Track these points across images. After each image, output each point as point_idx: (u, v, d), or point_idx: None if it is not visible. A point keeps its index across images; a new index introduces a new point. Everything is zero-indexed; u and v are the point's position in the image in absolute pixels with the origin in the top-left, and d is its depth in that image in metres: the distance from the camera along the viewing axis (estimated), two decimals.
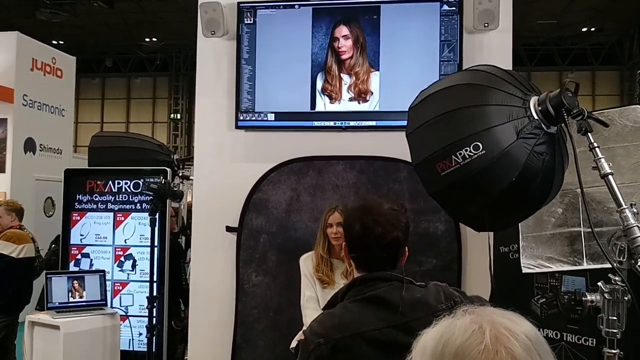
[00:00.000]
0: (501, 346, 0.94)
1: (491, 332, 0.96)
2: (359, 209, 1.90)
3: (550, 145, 2.10)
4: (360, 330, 1.68)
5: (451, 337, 0.99)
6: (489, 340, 0.95)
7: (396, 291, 1.77)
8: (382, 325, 1.69)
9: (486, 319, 0.99)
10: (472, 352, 0.95)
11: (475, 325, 0.98)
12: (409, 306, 1.73)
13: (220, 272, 4.32)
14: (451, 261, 4.09)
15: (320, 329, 1.73)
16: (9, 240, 5.15)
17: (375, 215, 1.83)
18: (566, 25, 17.53)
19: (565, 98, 2.03)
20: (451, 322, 1.02)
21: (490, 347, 0.94)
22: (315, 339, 1.70)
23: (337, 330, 1.69)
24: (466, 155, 2.05)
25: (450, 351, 0.97)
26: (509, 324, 0.98)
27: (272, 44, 4.32)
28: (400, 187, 4.17)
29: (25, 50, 8.62)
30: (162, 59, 22.98)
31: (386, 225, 1.82)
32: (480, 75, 2.26)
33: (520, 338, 0.96)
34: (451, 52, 4.05)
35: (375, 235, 1.82)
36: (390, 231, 1.83)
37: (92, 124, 22.88)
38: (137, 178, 5.18)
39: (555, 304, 2.37)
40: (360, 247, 1.86)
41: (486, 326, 0.98)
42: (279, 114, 4.32)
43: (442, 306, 1.77)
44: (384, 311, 1.72)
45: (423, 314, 1.71)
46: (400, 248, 1.89)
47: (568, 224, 2.85)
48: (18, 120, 8.37)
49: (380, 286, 1.79)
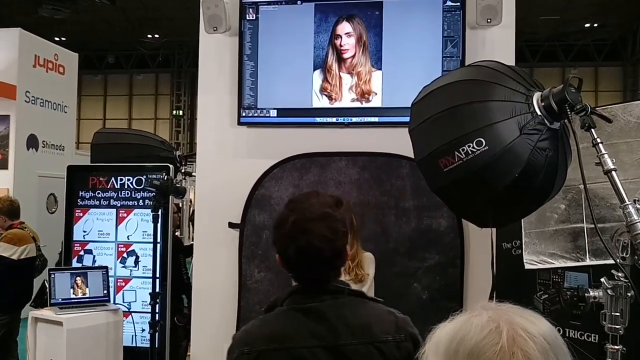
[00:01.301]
0: (517, 348, 0.93)
1: (508, 333, 0.95)
2: (290, 226, 1.67)
3: (553, 141, 2.10)
4: (288, 346, 1.60)
5: (467, 335, 0.97)
6: (505, 342, 0.94)
7: (339, 308, 1.64)
8: (313, 344, 1.59)
9: (504, 318, 0.97)
10: (488, 353, 0.93)
11: (493, 324, 0.97)
12: (347, 328, 1.61)
13: (223, 268, 4.32)
14: (454, 257, 4.09)
15: (247, 337, 1.66)
16: (10, 242, 5.11)
17: (309, 234, 1.63)
18: (569, 21, 17.50)
19: (568, 94, 2.03)
20: (468, 319, 1.00)
21: (507, 349, 0.93)
22: (239, 347, 1.63)
23: (264, 341, 1.62)
24: (469, 151, 2.05)
25: (465, 350, 0.96)
26: (527, 325, 0.97)
27: (275, 40, 4.31)
28: (403, 184, 4.16)
29: (28, 46, 8.62)
30: (164, 56, 23.01)
31: (323, 242, 1.64)
32: (483, 71, 2.26)
33: (537, 340, 0.95)
34: (454, 48, 4.04)
35: (314, 257, 1.65)
36: (329, 246, 1.65)
37: (94, 121, 22.92)
38: (140, 174, 5.18)
39: (558, 300, 2.36)
40: (297, 268, 1.73)
41: (503, 326, 0.96)
42: (281, 110, 4.31)
43: (388, 337, 1.64)
44: (321, 328, 1.61)
45: (361, 340, 1.60)
46: (342, 257, 1.72)
47: (571, 220, 2.85)
48: (21, 116, 8.38)
49: (325, 298, 1.66)
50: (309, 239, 1.63)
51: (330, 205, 1.72)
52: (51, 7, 14.83)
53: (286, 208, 1.74)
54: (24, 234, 5.30)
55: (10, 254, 5.05)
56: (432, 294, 4.07)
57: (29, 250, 5.21)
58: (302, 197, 1.79)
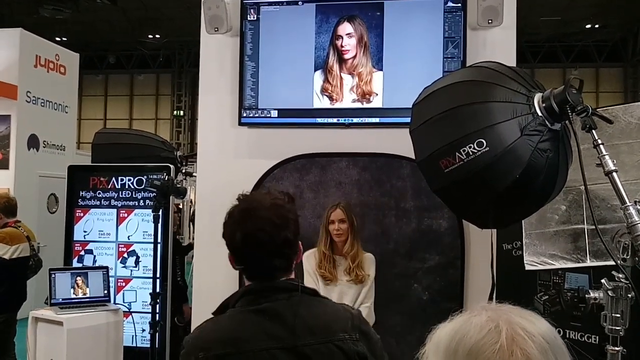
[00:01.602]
0: (517, 347, 0.93)
1: (507, 332, 0.95)
2: (238, 214, 1.68)
3: (554, 142, 2.10)
4: (246, 349, 1.55)
5: (466, 334, 0.97)
6: (505, 341, 0.94)
7: (295, 307, 1.60)
8: (271, 346, 1.55)
9: (503, 318, 0.97)
10: (487, 352, 0.93)
11: (492, 323, 0.97)
12: (306, 328, 1.58)
13: (224, 269, 4.29)
14: (454, 258, 4.09)
15: (201, 341, 1.60)
16: (2, 241, 5.04)
17: (257, 219, 1.62)
18: (570, 22, 17.50)
19: (569, 95, 2.03)
20: (467, 319, 1.00)
21: (506, 348, 0.93)
22: (194, 352, 1.57)
23: (221, 344, 1.57)
24: (470, 152, 2.05)
25: (465, 349, 0.96)
26: (526, 324, 0.97)
27: (276, 41, 4.31)
28: (404, 184, 4.17)
29: (29, 46, 8.62)
30: (165, 56, 23.00)
31: (271, 229, 1.61)
32: (484, 71, 2.26)
33: (536, 340, 0.95)
34: (455, 49, 4.04)
35: (261, 243, 1.61)
36: (277, 234, 1.61)
37: (95, 121, 22.92)
38: (141, 175, 5.19)
39: (558, 301, 2.37)
40: (246, 259, 1.67)
41: (503, 325, 0.96)
42: (282, 111, 4.31)
43: (345, 336, 1.60)
44: (278, 329, 1.57)
45: (320, 339, 1.58)
46: (293, 248, 1.67)
47: (571, 221, 2.85)
48: (21, 116, 8.38)
49: (279, 297, 1.62)
50: (255, 223, 1.61)
51: (281, 198, 1.70)
52: (52, 7, 14.83)
53: (236, 201, 1.73)
54: (16, 232, 5.21)
55: (2, 253, 5.00)
56: (433, 295, 4.07)
57: (21, 249, 5.14)
58: (254, 193, 1.80)
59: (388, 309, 3.98)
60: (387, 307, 3.97)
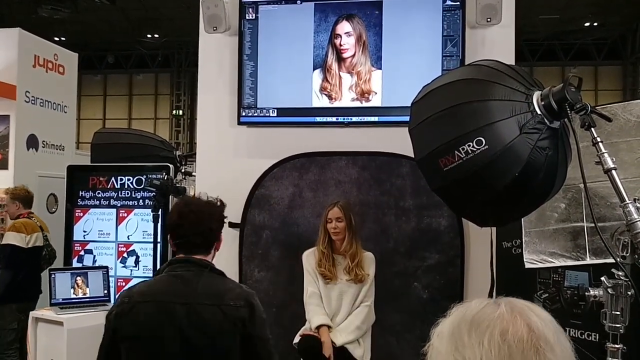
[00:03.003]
0: (517, 314, 0.96)
1: (506, 306, 0.98)
2: (180, 204, 2.29)
3: (553, 140, 2.10)
4: (157, 299, 2.10)
5: (467, 311, 1.00)
6: (504, 310, 0.97)
7: (201, 278, 2.14)
8: (175, 300, 2.08)
9: (502, 299, 1.01)
10: (487, 319, 0.96)
11: (491, 301, 1.01)
12: (204, 293, 2.10)
13: (223, 267, 4.26)
14: (454, 257, 4.09)
15: (130, 291, 2.18)
16: (18, 230, 5.18)
17: (192, 207, 2.22)
18: (569, 20, 17.49)
19: (568, 93, 2.03)
20: (466, 303, 1.03)
21: (506, 315, 0.96)
22: (122, 297, 2.16)
23: (142, 295, 2.13)
24: (469, 151, 2.05)
25: (466, 320, 0.98)
26: (525, 303, 1.00)
27: (274, 40, 4.31)
28: (403, 183, 4.17)
29: (27, 46, 8.59)
30: (164, 56, 22.98)
31: (201, 215, 2.19)
32: (483, 70, 2.26)
33: (536, 311, 0.98)
34: (454, 47, 4.04)
35: (190, 223, 2.18)
36: (202, 222, 2.19)
37: (94, 121, 22.89)
38: (140, 174, 5.18)
39: (558, 299, 2.36)
40: (177, 234, 2.20)
41: (501, 301, 1.00)
42: (281, 110, 4.31)
43: (231, 303, 2.09)
44: (184, 290, 2.10)
45: (212, 302, 2.08)
46: (213, 236, 2.24)
47: (571, 219, 2.85)
48: (20, 117, 8.34)
49: (192, 269, 2.16)
50: (189, 212, 2.20)
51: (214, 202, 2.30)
52: (51, 7, 14.80)
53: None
54: (30, 222, 5.36)
55: (20, 241, 5.11)
56: (432, 293, 4.08)
57: (35, 238, 5.27)
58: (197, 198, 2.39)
59: (388, 308, 3.98)
60: (387, 306, 3.97)
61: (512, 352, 0.92)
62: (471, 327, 0.96)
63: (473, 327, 0.96)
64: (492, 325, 0.95)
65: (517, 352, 0.92)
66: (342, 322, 3.60)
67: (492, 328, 0.94)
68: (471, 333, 0.96)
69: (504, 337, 0.93)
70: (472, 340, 0.95)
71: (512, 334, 0.93)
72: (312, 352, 3.48)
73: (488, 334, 0.94)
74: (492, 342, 0.93)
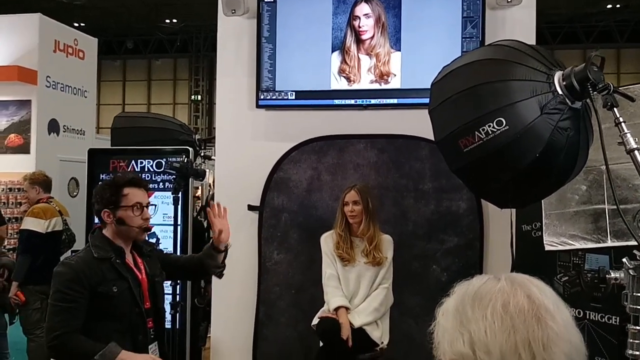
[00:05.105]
0: (517, 286, 1.00)
1: (507, 280, 1.02)
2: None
3: (574, 121, 2.07)
4: None
5: (469, 287, 1.05)
6: (505, 283, 1.01)
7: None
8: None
9: (503, 274, 1.06)
10: (489, 293, 1.00)
11: (492, 276, 1.06)
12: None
13: (243, 250, 4.35)
14: (473, 239, 4.08)
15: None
16: (37, 216, 5.27)
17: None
18: (591, 1, 17.18)
19: (590, 72, 2.00)
20: (468, 281, 1.08)
21: (506, 288, 1.00)
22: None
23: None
24: (489, 131, 2.04)
25: (469, 296, 1.03)
26: (525, 276, 1.05)
27: (293, 22, 4.29)
28: (422, 166, 4.15)
29: (48, 32, 8.66)
30: (182, 41, 23.04)
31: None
32: (503, 50, 2.23)
33: (535, 282, 1.02)
34: (474, 29, 4.00)
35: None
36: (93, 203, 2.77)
37: (113, 106, 23.05)
38: (160, 157, 5.21)
39: (578, 282, 2.35)
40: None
41: (502, 276, 1.04)
42: (300, 93, 4.31)
43: None
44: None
45: None
46: (99, 216, 2.75)
47: (592, 201, 2.82)
48: (42, 101, 8.45)
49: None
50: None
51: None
52: None
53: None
54: (49, 207, 5.44)
55: (39, 227, 5.19)
56: (451, 276, 4.07)
57: (55, 223, 5.36)
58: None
59: (407, 291, 3.99)
60: (406, 289, 3.98)
61: (515, 323, 0.96)
62: (474, 302, 1.01)
63: (476, 301, 1.01)
64: (494, 298, 0.99)
65: (520, 322, 0.96)
66: (360, 304, 3.63)
67: (494, 301, 0.99)
68: (474, 307, 1.00)
69: (505, 309, 0.97)
70: (475, 314, 0.99)
71: (513, 305, 0.97)
72: (330, 334, 3.51)
73: (490, 307, 0.98)
74: (495, 315, 0.97)
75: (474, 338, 0.97)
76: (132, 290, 2.64)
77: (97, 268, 2.58)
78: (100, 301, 2.56)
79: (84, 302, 2.53)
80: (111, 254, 2.65)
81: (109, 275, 2.60)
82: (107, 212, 2.68)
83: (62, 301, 2.52)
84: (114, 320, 2.61)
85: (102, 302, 2.56)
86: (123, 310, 2.62)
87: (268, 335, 4.27)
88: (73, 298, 2.51)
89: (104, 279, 2.58)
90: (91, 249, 2.65)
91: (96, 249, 2.64)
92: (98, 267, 2.59)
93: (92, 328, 2.54)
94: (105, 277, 2.59)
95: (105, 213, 2.69)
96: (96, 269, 2.58)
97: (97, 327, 2.56)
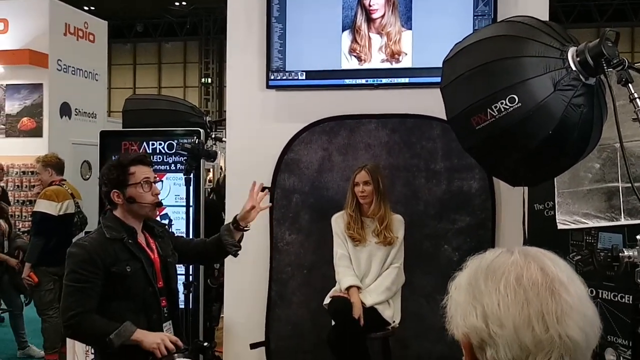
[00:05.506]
0: (531, 259, 1.00)
1: (520, 253, 1.02)
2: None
3: (588, 98, 2.06)
4: None
5: (482, 261, 1.05)
6: (518, 256, 1.01)
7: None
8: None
9: (516, 247, 1.05)
10: (502, 266, 1.00)
11: (505, 249, 1.05)
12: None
13: (255, 230, 4.34)
14: (485, 219, 4.07)
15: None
16: (49, 198, 5.31)
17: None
18: None
19: (604, 48, 1.98)
20: (481, 255, 1.08)
21: (520, 261, 1.00)
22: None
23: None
24: (502, 109, 2.02)
25: (482, 269, 1.02)
26: (539, 250, 1.04)
27: (303, 2, 4.26)
28: (434, 145, 4.13)
29: (58, 15, 8.68)
30: (192, 23, 22.99)
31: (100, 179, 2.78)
32: (516, 26, 2.21)
33: (548, 255, 1.01)
34: (485, 6, 3.95)
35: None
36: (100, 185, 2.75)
37: (124, 90, 23.09)
38: (171, 139, 5.22)
39: (591, 261, 2.35)
40: None
41: (515, 249, 1.03)
42: (310, 73, 4.28)
43: None
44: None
45: None
46: (108, 198, 2.72)
47: (606, 179, 2.81)
48: (53, 85, 8.49)
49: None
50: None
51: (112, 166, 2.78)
52: None
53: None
54: (61, 190, 5.48)
55: (51, 209, 5.25)
56: (463, 256, 4.04)
57: (66, 206, 5.40)
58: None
59: (418, 270, 4.00)
60: (418, 268, 3.99)
61: (528, 296, 0.95)
62: (487, 275, 1.00)
63: (489, 275, 1.00)
64: (507, 271, 0.98)
65: (533, 295, 0.95)
66: (371, 283, 3.64)
67: (507, 274, 0.98)
68: (487, 281, 0.99)
69: (519, 282, 0.97)
70: (488, 287, 0.99)
71: (526, 278, 0.97)
72: (342, 313, 3.53)
73: (504, 280, 0.98)
74: (508, 287, 0.97)
75: (487, 311, 0.97)
76: (145, 270, 2.66)
77: (110, 248, 2.60)
78: (114, 281, 2.58)
79: (98, 283, 2.55)
80: (123, 235, 2.66)
81: (122, 256, 2.62)
82: (117, 193, 2.67)
83: (76, 282, 2.54)
84: (128, 299, 2.63)
85: (116, 282, 2.59)
86: (137, 289, 2.64)
87: (280, 315, 4.29)
88: (87, 278, 2.53)
89: (117, 259, 2.60)
90: (103, 230, 2.66)
91: (108, 230, 2.65)
92: (111, 247, 2.61)
93: (106, 308, 2.57)
94: (119, 258, 2.61)
95: (115, 193, 2.67)
96: (109, 249, 2.60)
97: (111, 307, 2.58)
